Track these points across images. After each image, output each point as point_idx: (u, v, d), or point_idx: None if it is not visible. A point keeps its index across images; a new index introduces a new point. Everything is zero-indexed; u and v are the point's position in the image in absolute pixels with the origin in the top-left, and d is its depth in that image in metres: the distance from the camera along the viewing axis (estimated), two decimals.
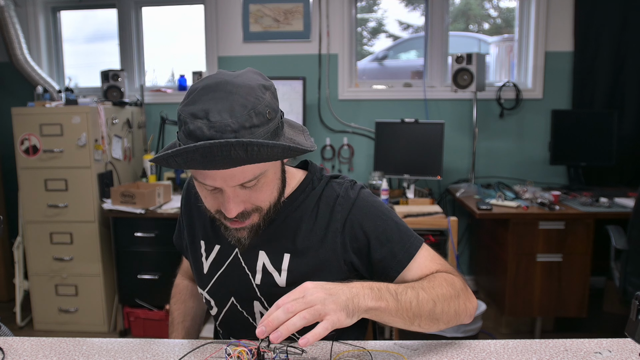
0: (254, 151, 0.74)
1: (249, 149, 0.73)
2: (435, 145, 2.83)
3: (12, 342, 0.99)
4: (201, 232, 1.06)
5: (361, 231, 0.95)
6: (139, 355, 0.94)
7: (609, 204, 2.50)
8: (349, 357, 0.92)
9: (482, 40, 3.56)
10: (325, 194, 0.99)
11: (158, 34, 3.46)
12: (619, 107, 3.02)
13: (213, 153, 0.73)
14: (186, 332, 1.16)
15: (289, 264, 0.96)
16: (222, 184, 0.82)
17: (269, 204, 0.90)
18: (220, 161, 0.74)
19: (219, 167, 0.76)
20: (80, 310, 2.77)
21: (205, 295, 1.06)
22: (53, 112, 2.64)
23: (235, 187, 0.83)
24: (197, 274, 1.07)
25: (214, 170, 0.78)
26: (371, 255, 0.95)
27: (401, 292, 0.84)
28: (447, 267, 0.98)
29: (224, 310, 1.04)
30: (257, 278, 0.98)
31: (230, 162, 0.75)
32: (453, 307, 0.90)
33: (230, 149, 0.73)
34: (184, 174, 3.01)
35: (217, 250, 1.03)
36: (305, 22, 3.15)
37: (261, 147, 0.74)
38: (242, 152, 0.73)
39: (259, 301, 0.99)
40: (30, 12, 3.24)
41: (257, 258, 0.98)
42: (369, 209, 0.97)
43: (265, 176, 0.86)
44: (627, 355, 0.91)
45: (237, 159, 0.74)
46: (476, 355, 0.92)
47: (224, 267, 1.02)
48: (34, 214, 2.70)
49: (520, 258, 2.50)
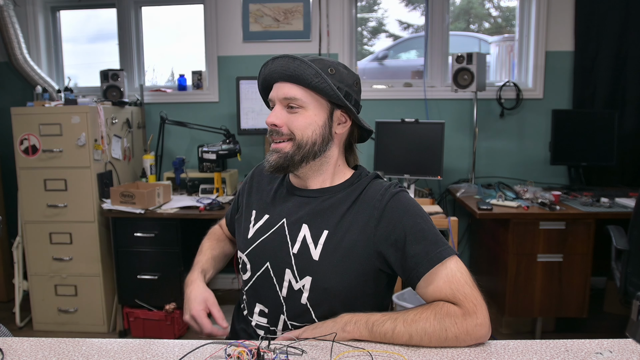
0: (305, 66, 1.00)
1: (296, 61, 1.01)
2: (436, 145, 2.82)
3: (11, 343, 0.99)
4: (255, 204, 1.20)
5: (400, 225, 1.01)
6: (139, 355, 0.94)
7: (610, 204, 2.50)
8: (349, 357, 0.91)
9: (482, 40, 3.56)
10: (370, 187, 1.09)
11: (158, 33, 3.45)
12: (619, 106, 3.02)
13: (280, 57, 1.04)
14: (212, 258, 1.28)
15: (325, 240, 1.04)
16: (275, 95, 1.06)
17: (301, 136, 1.04)
18: (281, 62, 1.03)
19: (279, 66, 1.03)
20: (80, 310, 2.77)
21: (243, 258, 1.15)
22: (52, 112, 2.64)
23: (282, 103, 1.05)
24: (241, 239, 1.18)
25: (275, 81, 1.06)
26: (406, 250, 1.00)
27: (379, 324, 0.96)
28: (461, 291, 0.95)
29: (256, 274, 1.11)
30: (295, 247, 1.06)
31: (288, 66, 1.02)
32: (435, 340, 0.93)
33: (290, 59, 1.02)
34: (184, 174, 3.01)
35: (265, 219, 1.14)
36: (305, 22, 3.15)
37: (302, 62, 1.00)
38: (292, 62, 1.01)
39: (290, 269, 1.06)
40: (29, 11, 3.24)
41: (300, 229, 1.08)
42: (410, 207, 1.04)
43: (306, 108, 1.04)
44: (628, 355, 0.91)
45: (292, 68, 1.01)
46: (477, 355, 0.91)
47: (268, 233, 1.12)
48: (33, 214, 2.70)
49: (520, 258, 2.50)
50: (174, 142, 3.32)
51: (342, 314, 1.00)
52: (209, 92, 3.26)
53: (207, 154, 2.87)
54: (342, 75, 1.06)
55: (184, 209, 2.61)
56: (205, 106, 3.27)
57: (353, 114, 1.08)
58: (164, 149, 3.24)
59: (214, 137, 3.23)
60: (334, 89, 1.01)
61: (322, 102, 1.05)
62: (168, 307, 2.60)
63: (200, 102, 3.27)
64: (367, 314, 0.99)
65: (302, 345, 0.96)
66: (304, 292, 1.03)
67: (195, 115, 3.26)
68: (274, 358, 0.88)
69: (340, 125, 1.09)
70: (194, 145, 3.29)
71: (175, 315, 2.63)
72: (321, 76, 1.00)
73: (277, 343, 0.95)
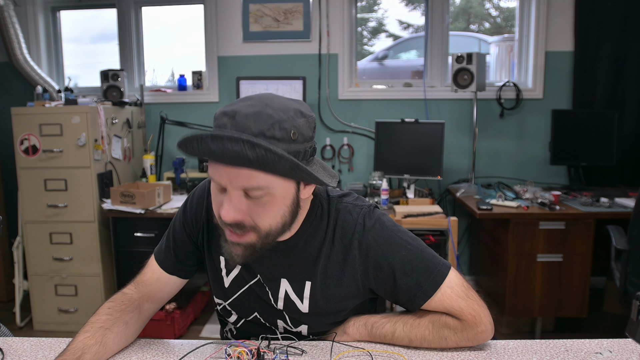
0: (261, 154, 0.73)
1: (257, 149, 0.73)
2: (436, 145, 2.82)
3: (11, 343, 0.99)
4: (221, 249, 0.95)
5: (386, 262, 0.93)
6: (139, 355, 0.94)
7: (610, 204, 2.50)
8: (348, 357, 0.92)
9: (482, 40, 3.56)
10: (342, 218, 0.96)
11: (158, 33, 3.45)
12: (619, 107, 3.02)
13: (224, 143, 0.73)
14: (101, 344, 0.90)
15: (310, 293, 0.96)
16: (227, 182, 0.81)
17: (269, 227, 0.84)
18: (228, 154, 0.74)
19: (226, 160, 0.75)
20: (80, 310, 2.77)
21: (225, 306, 1.04)
22: (53, 112, 2.64)
23: (239, 192, 0.81)
24: (215, 286, 1.05)
25: (223, 164, 0.78)
26: (397, 286, 0.94)
27: (378, 326, 0.97)
28: (456, 307, 0.93)
29: (245, 319, 1.05)
30: (279, 304, 0.99)
31: (238, 158, 0.74)
32: (435, 346, 0.94)
33: (240, 145, 0.73)
34: (184, 174, 3.01)
35: (237, 270, 1.01)
36: (305, 22, 3.15)
37: (269, 152, 0.73)
38: (250, 150, 0.73)
39: (282, 320, 1.01)
40: (29, 11, 3.24)
41: (279, 285, 0.98)
42: (390, 237, 0.94)
43: (272, 194, 0.82)
44: (628, 355, 0.91)
45: (244, 157, 0.73)
46: (476, 355, 0.92)
47: (246, 287, 1.01)
48: (33, 214, 2.70)
49: (520, 258, 2.50)
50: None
51: None
52: (209, 92, 3.26)
53: None
54: (304, 133, 0.83)
55: None
56: (205, 106, 3.27)
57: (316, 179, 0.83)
58: (164, 149, 3.24)
59: None
60: (301, 169, 0.78)
61: (288, 181, 0.84)
62: (168, 307, 2.61)
63: (200, 102, 3.27)
64: (366, 316, 1.00)
65: (302, 345, 0.96)
66: (303, 332, 1.01)
67: (195, 115, 3.26)
68: (274, 358, 0.88)
69: (305, 191, 0.89)
70: None
71: (175, 315, 2.63)
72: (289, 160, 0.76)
73: (277, 343, 0.95)
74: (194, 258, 1.06)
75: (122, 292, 1.02)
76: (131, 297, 1.01)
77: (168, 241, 1.06)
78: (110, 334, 0.92)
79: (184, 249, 1.05)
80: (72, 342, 0.89)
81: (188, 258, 1.05)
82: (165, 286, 1.05)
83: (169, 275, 1.05)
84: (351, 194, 1.01)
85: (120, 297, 1.00)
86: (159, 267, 1.05)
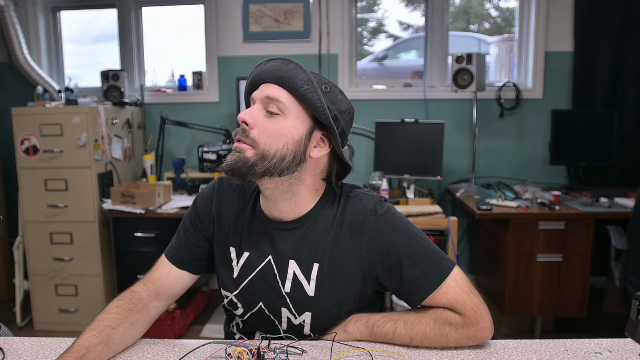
0: (298, 70, 0.91)
1: (297, 68, 0.91)
2: (435, 145, 2.83)
3: (12, 342, 0.99)
4: (231, 238, 1.06)
5: (394, 250, 0.95)
6: (139, 355, 0.94)
7: (609, 204, 2.50)
8: (349, 356, 0.92)
9: (482, 40, 3.56)
10: (352, 205, 1.00)
11: (158, 34, 3.45)
12: (619, 107, 3.02)
13: (275, 59, 0.94)
14: (105, 344, 0.91)
15: (317, 274, 0.98)
16: (259, 93, 0.94)
17: (267, 147, 0.91)
18: (271, 66, 0.93)
19: (272, 67, 0.93)
20: (80, 310, 2.77)
21: (232, 298, 1.05)
22: (53, 112, 2.64)
23: (262, 103, 0.93)
24: (224, 278, 1.06)
25: (266, 75, 0.93)
26: (403, 275, 0.95)
27: (379, 325, 0.97)
28: (459, 300, 0.94)
29: (250, 312, 1.05)
30: (286, 286, 1.00)
31: (278, 69, 0.92)
32: (436, 344, 0.94)
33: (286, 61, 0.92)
34: (184, 174, 3.01)
35: (246, 256, 1.04)
36: (305, 22, 3.15)
37: (303, 73, 0.90)
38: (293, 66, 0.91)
39: (287, 308, 1.00)
40: (30, 12, 3.24)
41: (287, 266, 1.00)
42: (400, 227, 0.97)
43: (285, 116, 0.92)
44: (628, 355, 0.91)
45: (285, 70, 0.91)
46: (476, 355, 0.92)
47: (254, 272, 1.02)
48: (33, 214, 2.70)
49: (520, 258, 2.50)
50: (174, 142, 3.32)
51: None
52: (209, 93, 3.27)
53: (207, 154, 2.88)
54: (336, 98, 0.96)
55: (184, 209, 2.60)
56: (205, 106, 3.28)
57: (335, 139, 0.95)
58: (164, 149, 3.24)
59: (214, 137, 3.23)
60: (322, 102, 0.90)
61: (305, 116, 0.93)
62: (168, 307, 2.61)
63: (201, 102, 3.28)
64: (367, 314, 1.00)
65: (302, 345, 0.96)
66: (305, 325, 1.00)
67: (195, 116, 3.26)
68: (274, 358, 0.88)
69: (317, 149, 0.95)
70: (194, 145, 3.29)
71: (175, 315, 2.63)
72: (312, 84, 0.90)
73: (277, 343, 0.95)
74: (204, 253, 1.09)
75: (131, 290, 1.04)
76: (140, 295, 1.03)
77: (178, 238, 1.11)
78: (116, 334, 0.94)
79: (194, 244, 1.08)
80: (78, 340, 0.90)
81: (198, 253, 1.09)
82: (175, 281, 1.07)
83: (180, 270, 1.07)
84: (360, 186, 1.08)
85: (129, 296, 1.02)
86: (169, 262, 1.08)
